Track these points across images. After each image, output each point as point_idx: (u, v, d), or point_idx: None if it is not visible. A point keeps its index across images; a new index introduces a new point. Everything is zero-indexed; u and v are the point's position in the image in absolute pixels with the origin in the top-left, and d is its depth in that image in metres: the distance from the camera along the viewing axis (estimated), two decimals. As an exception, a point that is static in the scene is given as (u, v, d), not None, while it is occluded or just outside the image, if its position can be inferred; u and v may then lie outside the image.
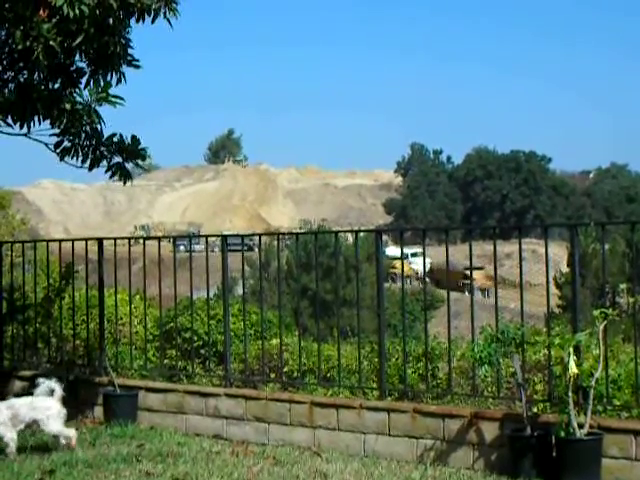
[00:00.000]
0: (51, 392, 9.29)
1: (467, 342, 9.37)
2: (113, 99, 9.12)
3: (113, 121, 9.79)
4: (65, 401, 9.34)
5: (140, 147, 9.63)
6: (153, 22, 8.84)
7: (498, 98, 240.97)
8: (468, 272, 24.05)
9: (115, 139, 9.56)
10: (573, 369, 7.55)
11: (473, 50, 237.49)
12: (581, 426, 7.49)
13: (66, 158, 9.54)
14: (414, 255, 48.03)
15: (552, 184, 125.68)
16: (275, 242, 11.09)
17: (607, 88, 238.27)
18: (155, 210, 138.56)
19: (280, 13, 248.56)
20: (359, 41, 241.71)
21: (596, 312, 7.71)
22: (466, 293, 47.33)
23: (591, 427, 7.58)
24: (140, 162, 9.81)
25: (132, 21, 8.99)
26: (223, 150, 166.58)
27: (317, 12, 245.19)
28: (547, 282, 9.10)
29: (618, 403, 8.15)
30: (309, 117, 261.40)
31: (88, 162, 9.56)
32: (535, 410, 8.38)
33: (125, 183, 9.80)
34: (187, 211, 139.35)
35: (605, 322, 7.72)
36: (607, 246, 50.34)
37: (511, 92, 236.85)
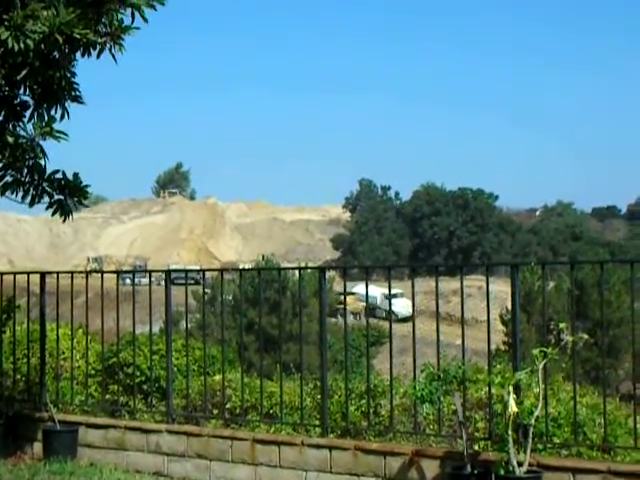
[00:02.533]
0: None
1: (410, 379, 9.40)
2: (57, 134, 9.03)
3: (58, 155, 9.72)
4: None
5: (82, 185, 9.56)
6: (99, 57, 8.81)
7: (446, 135, 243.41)
8: (341, 297, 24.38)
9: (57, 176, 9.48)
10: (512, 407, 7.60)
11: (419, 87, 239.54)
12: (520, 464, 7.53)
13: (7, 193, 9.45)
14: (394, 296, 48.24)
15: (499, 221, 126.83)
16: (225, 276, 11.03)
17: (557, 126, 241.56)
18: (101, 243, 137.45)
19: (229, 52, 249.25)
20: (306, 77, 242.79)
21: (535, 351, 7.78)
22: (339, 317, 48.04)
23: (530, 465, 7.63)
24: (82, 200, 9.71)
25: (78, 55, 8.94)
26: (171, 183, 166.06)
27: (263, 50, 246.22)
28: (488, 320, 9.14)
29: (558, 441, 8.24)
30: (259, 152, 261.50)
31: (29, 198, 9.47)
32: (476, 448, 8.43)
33: (65, 220, 9.70)
34: (134, 244, 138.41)
35: (545, 361, 7.79)
36: (552, 284, 51.01)
37: (459, 129, 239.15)
